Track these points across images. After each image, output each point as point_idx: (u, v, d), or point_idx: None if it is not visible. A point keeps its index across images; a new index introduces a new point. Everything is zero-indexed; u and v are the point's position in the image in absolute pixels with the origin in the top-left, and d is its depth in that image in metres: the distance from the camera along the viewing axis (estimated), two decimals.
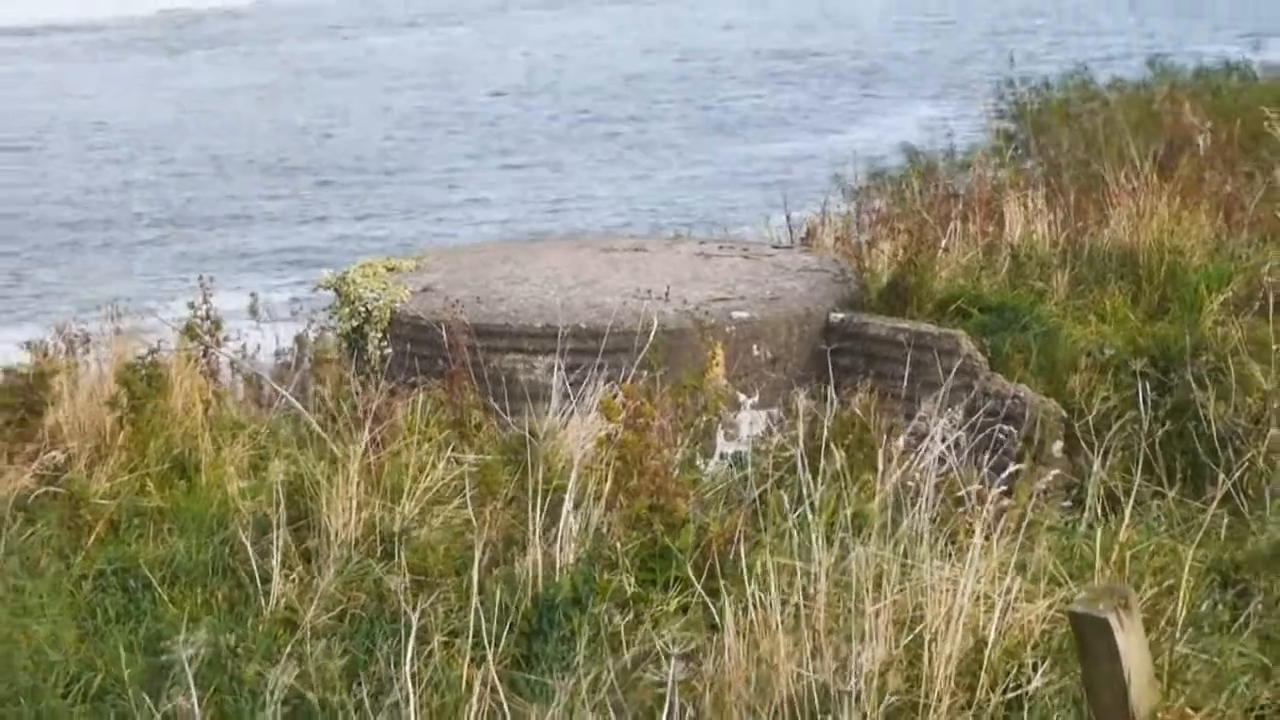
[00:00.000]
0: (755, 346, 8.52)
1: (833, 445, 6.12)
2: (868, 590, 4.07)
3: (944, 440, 6.07)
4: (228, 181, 31.50)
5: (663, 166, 30.85)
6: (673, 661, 4.13)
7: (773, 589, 4.24)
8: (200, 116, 38.06)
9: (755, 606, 4.32)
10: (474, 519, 6.12)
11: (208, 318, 8.09)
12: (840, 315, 8.75)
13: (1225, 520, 5.21)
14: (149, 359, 7.61)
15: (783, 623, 4.16)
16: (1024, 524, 4.70)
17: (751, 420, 8.40)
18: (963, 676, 3.85)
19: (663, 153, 32.26)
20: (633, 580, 5.50)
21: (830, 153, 23.55)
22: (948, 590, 3.99)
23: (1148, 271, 9.19)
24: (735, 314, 8.56)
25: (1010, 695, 3.85)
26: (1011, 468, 6.26)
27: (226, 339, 8.43)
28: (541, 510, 5.74)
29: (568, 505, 5.82)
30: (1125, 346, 8.36)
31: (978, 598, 4.01)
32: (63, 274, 22.97)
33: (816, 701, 3.85)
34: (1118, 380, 8.15)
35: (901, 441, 6.06)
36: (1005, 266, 9.61)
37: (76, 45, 48.84)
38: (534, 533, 5.68)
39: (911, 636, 3.94)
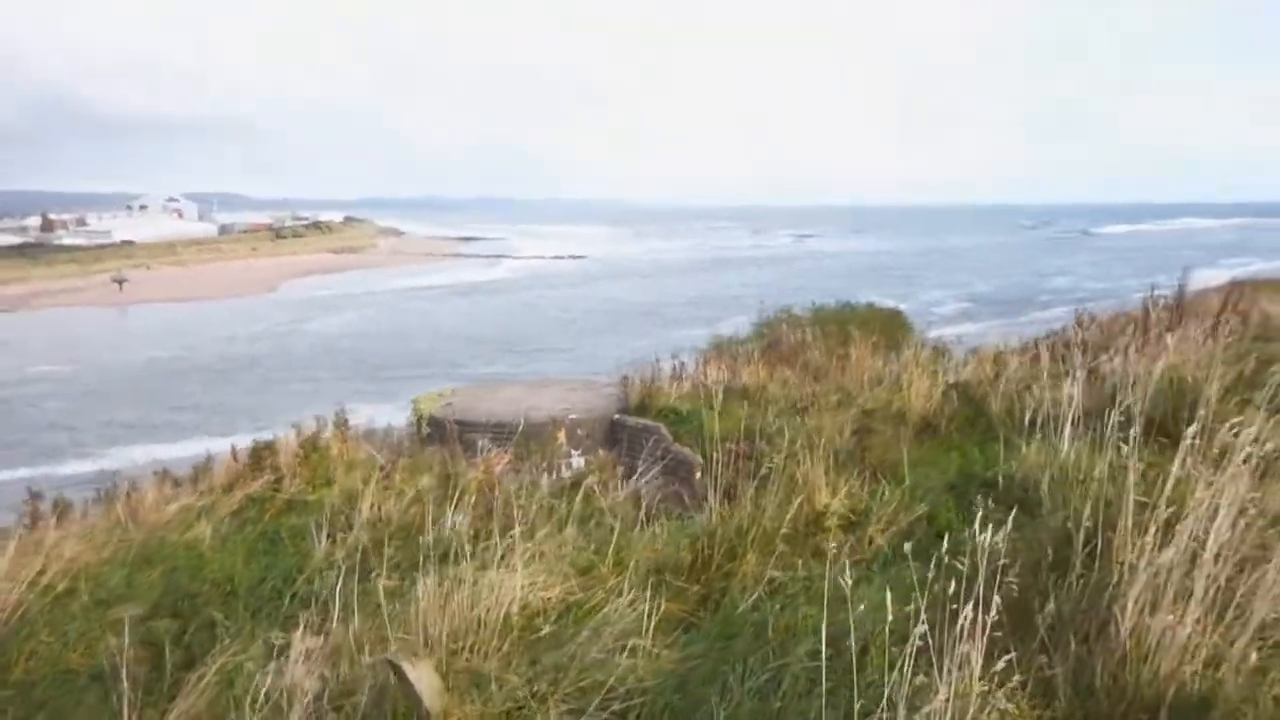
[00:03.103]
0: (579, 430, 8.06)
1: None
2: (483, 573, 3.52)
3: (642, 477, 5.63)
4: (491, 349, 31.21)
5: (643, 340, 30.51)
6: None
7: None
8: (497, 325, 37.93)
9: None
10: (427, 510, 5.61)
11: (343, 418, 7.64)
12: (617, 416, 8.27)
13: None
14: (316, 434, 7.24)
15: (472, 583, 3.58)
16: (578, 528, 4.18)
17: (577, 462, 7.94)
18: (506, 628, 3.28)
19: (645, 337, 31.95)
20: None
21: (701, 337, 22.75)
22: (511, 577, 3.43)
23: (755, 395, 8.58)
24: (571, 416, 8.10)
25: (532, 636, 3.28)
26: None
27: (353, 426, 7.90)
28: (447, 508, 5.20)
29: (450, 508, 5.24)
30: (729, 430, 7.73)
31: (531, 583, 3.45)
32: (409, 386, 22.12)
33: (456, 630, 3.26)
34: (734, 445, 7.54)
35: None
36: (701, 394, 9.02)
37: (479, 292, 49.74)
38: (441, 518, 5.13)
39: (484, 603, 3.34)
